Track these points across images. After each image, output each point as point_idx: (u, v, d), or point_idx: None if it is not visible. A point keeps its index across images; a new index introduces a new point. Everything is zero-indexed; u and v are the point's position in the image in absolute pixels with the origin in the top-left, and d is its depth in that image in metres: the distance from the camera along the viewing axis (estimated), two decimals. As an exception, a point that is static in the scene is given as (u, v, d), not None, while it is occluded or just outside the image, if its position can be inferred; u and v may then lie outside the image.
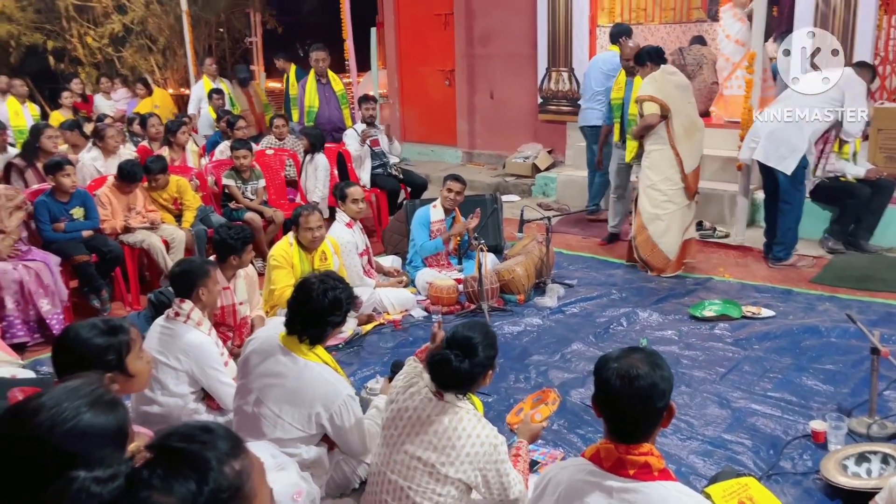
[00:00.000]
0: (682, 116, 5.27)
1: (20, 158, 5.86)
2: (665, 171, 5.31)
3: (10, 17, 11.48)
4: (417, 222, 5.44)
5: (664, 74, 5.33)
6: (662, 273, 5.45)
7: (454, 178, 5.46)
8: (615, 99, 6.09)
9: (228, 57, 12.42)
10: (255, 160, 6.36)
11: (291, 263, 4.45)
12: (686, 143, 5.28)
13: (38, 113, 8.55)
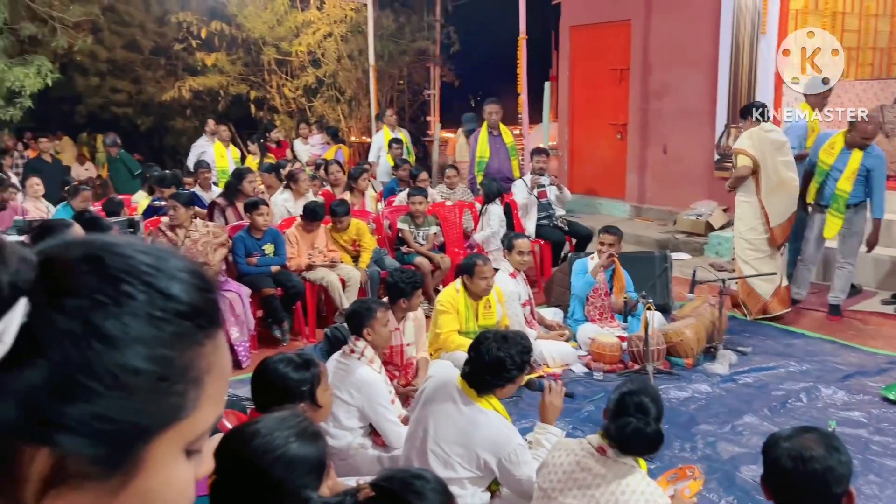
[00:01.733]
0: (770, 173, 5.45)
1: (223, 198, 6.51)
2: (750, 221, 5.57)
3: (222, 70, 12.88)
4: (576, 273, 5.44)
5: (762, 131, 5.51)
6: (759, 315, 5.60)
7: (607, 230, 5.40)
8: (822, 162, 5.67)
9: (407, 108, 13.13)
10: (434, 211, 6.65)
11: (457, 309, 4.58)
12: (773, 198, 5.48)
13: (239, 156, 9.46)
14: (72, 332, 0.54)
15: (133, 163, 9.36)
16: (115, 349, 0.55)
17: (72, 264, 0.57)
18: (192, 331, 0.60)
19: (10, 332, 0.53)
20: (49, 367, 0.54)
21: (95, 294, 0.56)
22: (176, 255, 0.63)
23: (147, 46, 13.56)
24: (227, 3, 12.09)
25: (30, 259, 0.56)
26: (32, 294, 0.55)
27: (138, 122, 13.96)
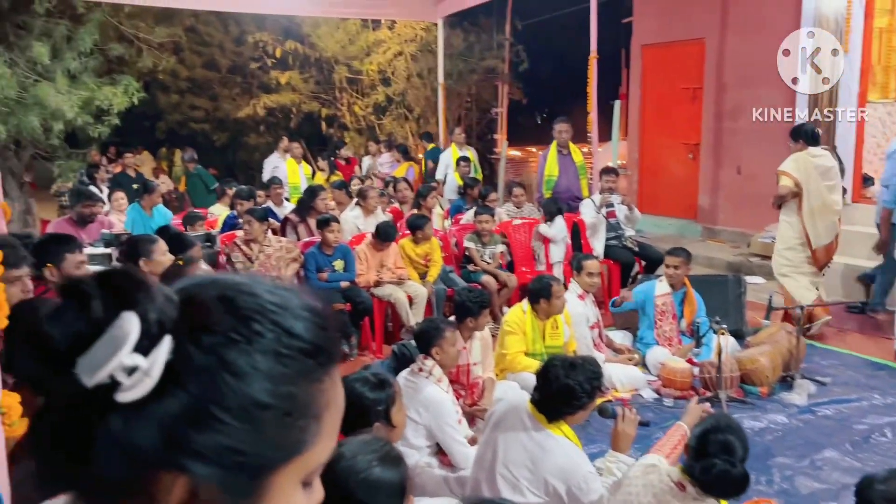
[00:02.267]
0: (813, 196, 5.61)
1: (295, 214, 6.67)
2: (790, 241, 5.75)
3: (294, 88, 13.25)
4: (644, 296, 5.35)
5: (808, 156, 5.65)
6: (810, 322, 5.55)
7: (674, 252, 5.28)
8: None
9: (475, 126, 13.21)
10: (502, 229, 6.66)
11: (524, 331, 4.56)
12: (816, 221, 5.63)
13: (310, 173, 9.69)
14: (208, 367, 0.58)
15: (209, 178, 9.70)
16: (247, 384, 0.59)
17: (208, 304, 0.61)
18: (313, 368, 0.64)
19: (158, 368, 0.57)
20: (187, 399, 0.57)
21: (229, 332, 0.60)
22: (297, 293, 0.66)
23: (225, 65, 14.07)
24: (302, 24, 12.44)
25: (172, 298, 0.60)
26: (175, 331, 0.58)
27: (214, 138, 14.47)
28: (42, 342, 0.57)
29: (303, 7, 9.19)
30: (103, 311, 0.57)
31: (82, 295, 0.58)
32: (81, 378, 0.56)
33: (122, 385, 0.56)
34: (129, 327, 0.56)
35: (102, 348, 0.56)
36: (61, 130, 7.63)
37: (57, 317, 0.57)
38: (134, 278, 0.59)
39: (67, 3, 7.77)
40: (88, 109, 7.74)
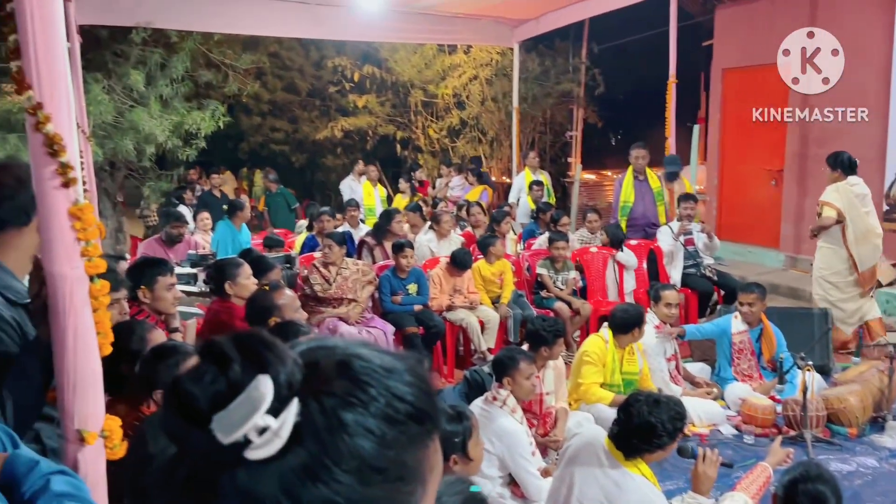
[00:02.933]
0: (857, 223, 5.86)
1: (371, 237, 6.79)
2: (834, 266, 5.96)
3: (371, 111, 13.53)
4: (720, 331, 5.20)
5: (847, 185, 5.89)
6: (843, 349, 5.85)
7: (748, 288, 5.09)
8: None
9: (548, 149, 13.18)
10: (578, 257, 6.61)
11: (604, 362, 4.48)
12: (861, 247, 5.87)
13: (385, 195, 9.85)
14: (328, 428, 0.63)
15: (291, 198, 10.02)
16: (362, 446, 0.63)
17: (328, 368, 0.66)
18: (422, 433, 0.67)
19: (287, 429, 0.61)
20: (307, 456, 0.62)
21: (347, 396, 0.64)
22: (405, 358, 0.70)
23: (304, 89, 14.49)
24: (380, 49, 12.72)
25: (298, 361, 0.65)
26: (301, 393, 0.63)
27: (293, 159, 14.88)
28: (184, 400, 0.62)
29: (382, 33, 9.40)
30: (241, 374, 0.62)
31: (222, 357, 0.63)
32: (217, 435, 0.60)
33: (253, 443, 0.60)
34: (265, 390, 0.61)
35: (239, 409, 0.60)
36: (153, 153, 8.03)
37: (198, 377, 0.63)
38: (267, 342, 0.64)
39: (162, 32, 8.18)
40: (178, 133, 8.13)
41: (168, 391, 0.64)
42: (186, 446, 0.63)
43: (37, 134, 1.58)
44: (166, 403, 0.64)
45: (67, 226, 1.61)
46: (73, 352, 1.62)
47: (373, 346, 0.71)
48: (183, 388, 0.62)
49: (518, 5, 8.65)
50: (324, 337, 0.73)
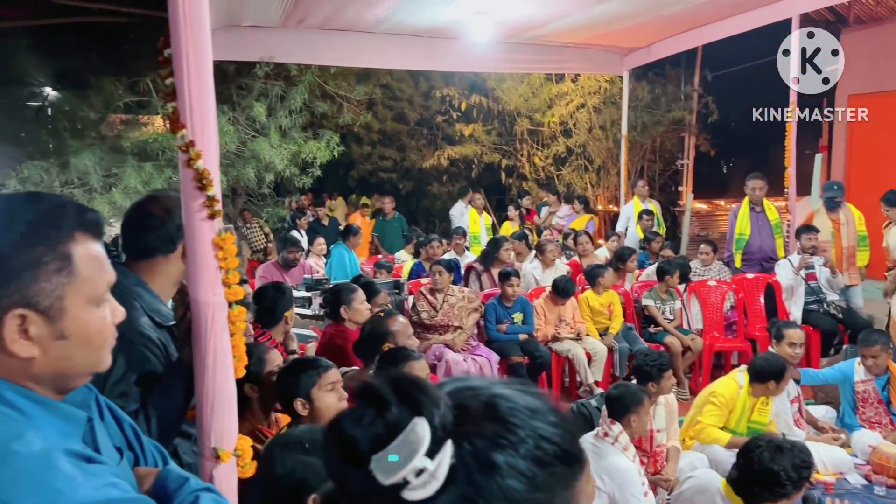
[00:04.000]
0: None
1: (479, 264, 6.83)
2: None
3: (477, 140, 13.69)
4: (841, 377, 4.86)
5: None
6: None
7: (869, 341, 4.69)
8: None
9: (657, 178, 12.88)
10: (695, 289, 6.42)
11: (733, 407, 4.22)
12: None
13: (491, 223, 9.91)
14: (480, 469, 0.65)
15: (405, 224, 10.27)
16: (512, 486, 0.65)
17: (477, 410, 0.68)
18: (568, 474, 0.69)
19: (443, 471, 0.64)
20: (458, 496, 0.64)
21: (497, 438, 0.66)
22: (545, 398, 0.72)
23: (413, 118, 14.87)
24: (487, 78, 12.88)
25: (448, 403, 0.67)
26: (452, 435, 0.65)
27: (400, 186, 15.25)
28: (345, 441, 0.65)
29: (491, 64, 9.53)
30: (399, 416, 0.65)
31: (379, 400, 0.66)
32: (377, 476, 0.63)
33: (410, 484, 0.63)
34: (423, 433, 0.64)
35: (398, 451, 0.63)
36: (271, 181, 8.44)
37: (357, 419, 0.66)
38: (421, 385, 0.67)
39: (283, 66, 8.63)
40: (295, 161, 8.52)
41: (328, 431, 0.68)
42: (345, 485, 0.67)
43: (188, 169, 1.70)
44: (327, 443, 0.68)
45: (211, 255, 1.72)
46: (213, 373, 1.72)
47: (513, 386, 0.73)
48: (344, 429, 0.66)
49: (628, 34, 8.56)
50: (464, 377, 0.75)
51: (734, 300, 6.46)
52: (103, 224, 1.13)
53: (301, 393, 2.37)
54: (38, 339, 1.03)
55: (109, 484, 0.99)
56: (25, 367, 1.04)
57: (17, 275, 1.01)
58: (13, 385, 1.03)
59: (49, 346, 1.04)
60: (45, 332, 1.04)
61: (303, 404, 2.37)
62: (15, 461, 0.94)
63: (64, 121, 8.87)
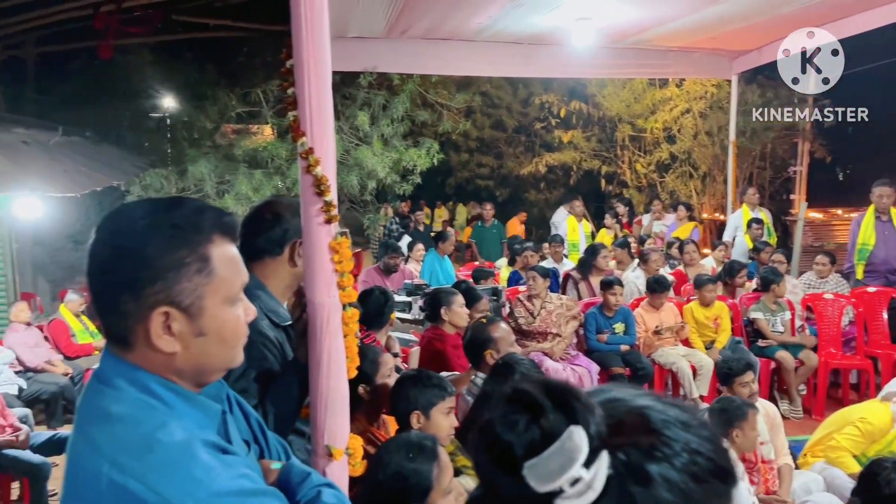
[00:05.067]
0: None
1: (577, 271, 6.74)
2: None
3: (576, 146, 13.53)
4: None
5: None
6: None
7: None
8: None
9: (767, 185, 12.33)
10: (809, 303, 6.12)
11: (877, 438, 3.87)
12: None
13: (590, 231, 9.75)
14: (634, 480, 0.64)
15: (504, 232, 10.28)
16: (666, 500, 0.64)
17: (627, 420, 0.67)
18: (721, 491, 0.67)
19: (600, 481, 0.63)
20: (609, 502, 0.63)
21: (651, 449, 0.65)
22: (692, 411, 0.70)
23: (511, 125, 14.88)
24: (588, 84, 12.72)
25: (602, 415, 0.67)
26: (607, 445, 0.65)
27: (497, 194, 15.29)
28: (499, 446, 0.66)
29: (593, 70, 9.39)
30: (554, 423, 0.64)
31: (535, 407, 0.66)
32: (531, 483, 0.63)
33: (564, 493, 0.63)
34: (580, 442, 0.63)
35: (554, 459, 0.63)
36: (373, 188, 8.65)
37: (511, 424, 0.66)
38: (576, 393, 0.67)
39: (385, 76, 8.83)
40: (396, 169, 8.69)
41: (480, 435, 0.68)
42: (496, 489, 0.67)
43: (307, 175, 1.77)
44: (478, 446, 0.68)
45: (328, 258, 1.78)
46: (327, 373, 1.77)
47: (657, 398, 0.71)
48: (498, 434, 0.66)
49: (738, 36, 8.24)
50: (605, 387, 0.74)
51: (853, 315, 6.08)
52: (237, 227, 1.19)
53: (420, 407, 2.41)
54: (180, 336, 1.10)
55: (243, 475, 1.05)
56: (168, 361, 1.10)
57: (162, 275, 1.08)
58: (157, 377, 1.10)
59: (189, 342, 1.11)
60: (187, 329, 1.10)
61: (418, 418, 2.40)
62: (159, 449, 1.01)
63: (182, 131, 9.40)
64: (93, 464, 1.01)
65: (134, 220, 1.10)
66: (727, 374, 3.88)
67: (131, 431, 1.03)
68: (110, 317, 1.10)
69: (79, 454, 1.06)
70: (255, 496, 1.04)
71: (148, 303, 1.08)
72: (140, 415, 1.06)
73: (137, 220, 1.10)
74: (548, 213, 14.46)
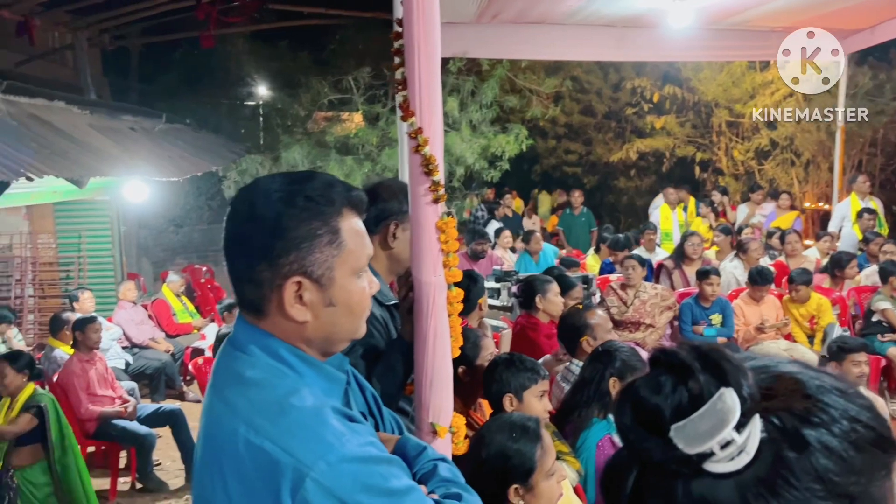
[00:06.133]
0: None
1: (671, 261, 6.56)
2: None
3: (669, 132, 13.12)
4: None
5: None
6: None
7: None
8: None
9: (878, 173, 11.61)
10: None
11: None
12: None
13: (684, 219, 9.46)
14: (790, 445, 0.62)
15: (593, 220, 10.12)
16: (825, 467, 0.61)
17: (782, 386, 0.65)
18: (884, 461, 0.64)
19: (753, 444, 0.61)
20: (765, 470, 0.61)
21: (808, 415, 0.63)
22: (846, 380, 0.67)
23: (601, 111, 14.55)
24: (682, 68, 12.30)
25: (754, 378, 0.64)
26: (760, 409, 0.63)
27: (584, 181, 15.00)
28: (645, 409, 0.64)
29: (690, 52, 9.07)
30: (704, 385, 0.62)
31: (682, 368, 0.64)
32: (679, 445, 0.62)
33: (715, 455, 0.61)
34: (732, 404, 0.61)
35: (705, 421, 0.61)
36: (462, 174, 8.66)
37: (657, 386, 0.64)
38: (728, 357, 0.64)
39: (475, 61, 8.81)
40: (484, 155, 8.67)
41: (623, 399, 0.66)
42: (641, 451, 0.65)
43: (415, 155, 1.77)
44: (620, 409, 0.67)
45: (434, 237, 1.78)
46: (432, 351, 1.78)
47: (807, 365, 0.69)
48: (644, 398, 0.64)
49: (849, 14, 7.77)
50: (750, 354, 0.72)
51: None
52: (365, 202, 1.21)
53: (513, 389, 2.40)
54: (311, 305, 1.13)
55: (370, 443, 1.07)
56: (299, 330, 1.14)
57: (296, 245, 1.11)
58: (288, 345, 1.14)
59: (320, 311, 1.14)
60: (317, 299, 1.13)
61: (511, 400, 2.40)
62: (293, 413, 1.05)
63: (276, 118, 9.69)
64: (230, 425, 1.06)
65: (269, 192, 1.13)
66: (840, 349, 3.73)
67: (266, 395, 1.07)
68: (246, 285, 1.14)
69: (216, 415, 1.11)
70: (381, 463, 1.07)
71: (282, 272, 1.11)
72: (273, 380, 1.10)
73: (273, 192, 1.13)
74: (638, 202, 14.12)
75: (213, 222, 11.71)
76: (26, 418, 4.01)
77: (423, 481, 1.20)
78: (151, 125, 8.58)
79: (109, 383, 5.45)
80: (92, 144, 6.31)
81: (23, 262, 8.11)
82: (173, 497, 5.09)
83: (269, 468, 1.01)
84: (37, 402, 4.06)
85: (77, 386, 5.13)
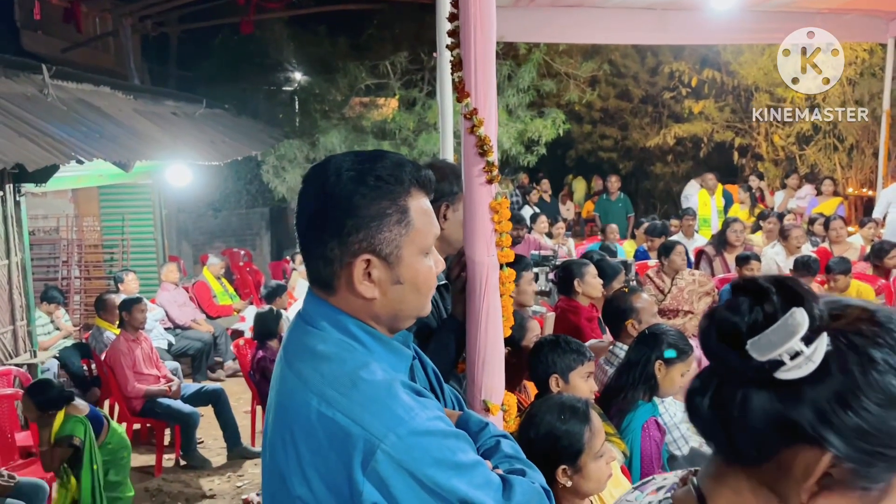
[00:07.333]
0: None
1: (711, 247, 6.49)
2: None
3: (708, 117, 12.90)
4: None
5: None
6: None
7: None
8: None
9: (925, 159, 11.31)
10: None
11: None
12: None
13: (723, 205, 9.34)
14: (858, 362, 0.70)
15: (630, 205, 10.04)
16: (891, 384, 0.70)
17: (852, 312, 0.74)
18: None
19: (819, 355, 0.70)
20: (837, 385, 0.70)
21: (875, 337, 0.71)
22: None
23: (637, 95, 14.37)
24: (722, 51, 12.08)
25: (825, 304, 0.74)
26: (830, 329, 0.71)
27: (620, 167, 14.86)
28: (724, 325, 0.74)
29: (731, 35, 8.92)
30: (778, 304, 0.71)
31: (759, 291, 0.73)
32: (753, 354, 0.70)
33: (785, 365, 0.70)
34: (801, 319, 0.70)
35: (776, 333, 0.70)
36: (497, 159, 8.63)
37: (736, 307, 0.74)
38: (800, 284, 0.74)
39: (512, 45, 8.75)
40: (521, 140, 8.63)
41: (708, 321, 0.76)
42: (721, 363, 0.75)
43: (470, 136, 1.79)
44: (706, 331, 0.76)
45: (488, 217, 1.80)
46: (485, 330, 1.81)
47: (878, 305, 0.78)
48: (724, 317, 0.74)
49: (897, -5, 7.58)
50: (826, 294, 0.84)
51: None
52: (433, 181, 1.23)
53: (559, 370, 2.41)
54: (379, 282, 1.16)
55: (437, 417, 1.10)
56: (367, 306, 1.17)
57: (367, 224, 1.14)
58: (357, 321, 1.17)
59: (387, 289, 1.17)
60: (385, 277, 1.16)
61: (556, 381, 2.41)
62: (363, 386, 1.08)
63: (314, 103, 9.73)
64: (302, 396, 1.10)
65: (340, 171, 1.16)
66: None
67: (337, 369, 1.11)
68: (316, 262, 1.17)
69: (288, 386, 1.14)
70: (448, 437, 1.09)
71: (352, 250, 1.14)
72: (343, 354, 1.13)
73: (344, 171, 1.16)
74: (674, 187, 13.94)
75: (250, 206, 11.86)
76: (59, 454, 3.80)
77: (487, 456, 1.22)
78: (192, 110, 8.71)
79: (154, 362, 5.59)
80: (137, 129, 6.44)
81: (69, 245, 8.32)
82: (216, 474, 5.21)
83: (342, 439, 1.04)
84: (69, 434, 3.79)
85: (124, 364, 5.28)
